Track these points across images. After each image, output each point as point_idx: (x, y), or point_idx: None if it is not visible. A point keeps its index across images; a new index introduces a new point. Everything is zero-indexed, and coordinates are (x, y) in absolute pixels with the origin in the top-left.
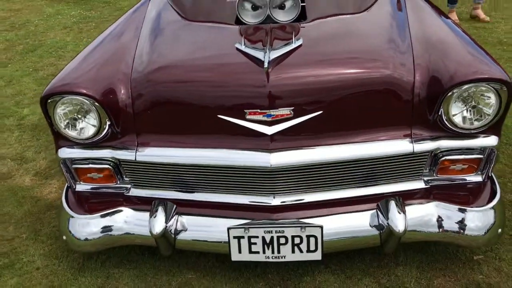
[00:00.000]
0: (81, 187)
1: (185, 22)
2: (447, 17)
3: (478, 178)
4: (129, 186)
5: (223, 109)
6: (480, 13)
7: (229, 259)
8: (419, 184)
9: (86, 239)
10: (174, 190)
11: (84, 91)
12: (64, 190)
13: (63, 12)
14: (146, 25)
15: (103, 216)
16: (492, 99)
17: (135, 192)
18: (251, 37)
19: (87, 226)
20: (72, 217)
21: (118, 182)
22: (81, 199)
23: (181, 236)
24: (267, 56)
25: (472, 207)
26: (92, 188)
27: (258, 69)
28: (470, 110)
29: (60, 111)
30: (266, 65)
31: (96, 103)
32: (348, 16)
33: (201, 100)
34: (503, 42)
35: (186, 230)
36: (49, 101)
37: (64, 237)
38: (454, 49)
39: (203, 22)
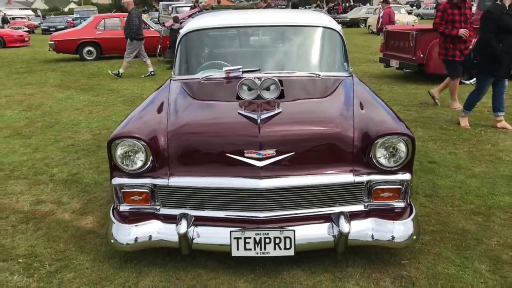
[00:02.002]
0: (124, 207)
1: (200, 100)
2: (378, 96)
3: (401, 204)
4: (158, 207)
5: (229, 149)
6: (506, 124)
7: (230, 259)
8: (360, 207)
9: (127, 243)
10: (191, 209)
11: (139, 136)
12: (111, 209)
13: (73, 97)
14: (172, 101)
15: (139, 226)
16: (403, 147)
17: (163, 211)
18: (248, 107)
19: (128, 234)
20: (117, 226)
21: (152, 203)
22: (123, 214)
23: (196, 240)
24: (259, 117)
25: (397, 220)
26: (131, 209)
27: (253, 125)
28: (389, 154)
29: (119, 150)
30: (259, 122)
31: (146, 145)
32: (313, 98)
33: (214, 145)
34: (443, 127)
35: (199, 236)
36: (113, 143)
37: (112, 241)
38: (379, 116)
39: (212, 100)
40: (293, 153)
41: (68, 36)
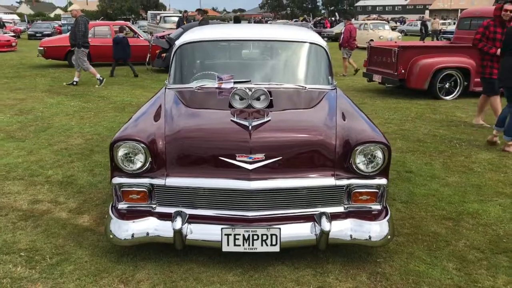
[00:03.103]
0: (122, 205)
1: (195, 108)
2: (359, 108)
3: (378, 207)
4: (155, 205)
5: (222, 153)
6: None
7: (219, 254)
8: (341, 209)
9: (125, 238)
10: (186, 208)
11: (139, 139)
12: (110, 206)
13: (63, 103)
14: (168, 108)
15: (136, 223)
16: (379, 154)
17: (159, 209)
18: (240, 115)
19: (126, 230)
20: (116, 223)
21: (148, 202)
22: (122, 212)
23: (189, 236)
24: (250, 124)
25: (374, 221)
26: (129, 206)
27: (244, 131)
28: (368, 161)
29: (121, 152)
30: (250, 128)
31: (145, 147)
32: (299, 109)
33: (208, 149)
34: (421, 140)
35: (192, 232)
36: (115, 145)
37: (111, 236)
38: (359, 126)
39: (206, 108)
40: (281, 157)
41: (58, 43)
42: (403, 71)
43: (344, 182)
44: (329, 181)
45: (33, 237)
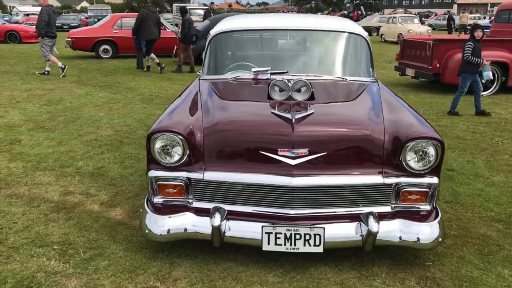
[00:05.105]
0: (158, 199)
1: (232, 99)
2: (404, 101)
3: (427, 207)
4: (191, 200)
5: (262, 147)
6: None
7: (259, 254)
8: (388, 208)
9: (161, 234)
10: (223, 203)
11: (177, 131)
12: (145, 200)
13: (92, 94)
14: (204, 100)
15: (173, 218)
16: (432, 151)
17: (196, 204)
18: (280, 107)
19: (162, 225)
20: (152, 217)
21: (185, 196)
22: (157, 206)
23: (228, 233)
24: (294, 117)
25: (424, 222)
26: (164, 201)
27: (287, 124)
28: (419, 158)
29: (158, 143)
30: (293, 121)
31: (183, 139)
32: (342, 101)
33: (248, 142)
34: (460, 137)
35: (231, 230)
36: (152, 137)
37: (146, 231)
38: (409, 121)
39: (244, 100)
40: (325, 153)
41: (85, 34)
42: (438, 65)
43: (393, 180)
44: (377, 179)
45: (66, 230)
